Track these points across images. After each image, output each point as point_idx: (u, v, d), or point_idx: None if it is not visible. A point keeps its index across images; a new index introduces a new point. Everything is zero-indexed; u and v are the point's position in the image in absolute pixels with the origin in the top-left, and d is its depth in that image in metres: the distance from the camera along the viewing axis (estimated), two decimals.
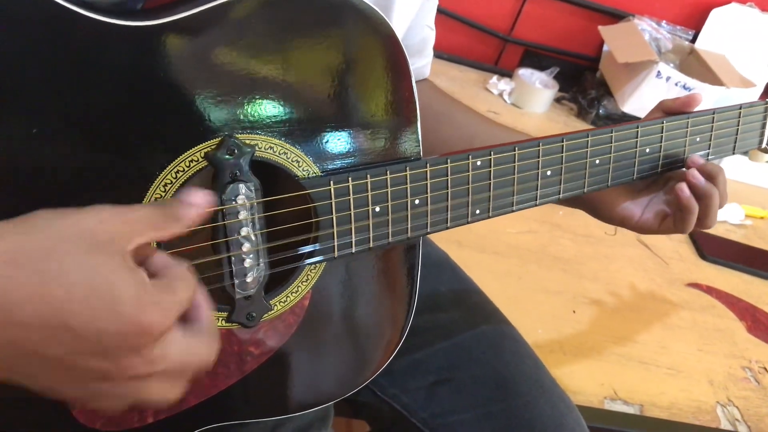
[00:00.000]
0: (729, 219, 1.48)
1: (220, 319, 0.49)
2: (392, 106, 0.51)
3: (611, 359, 1.00)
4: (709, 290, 1.23)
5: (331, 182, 0.49)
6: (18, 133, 0.39)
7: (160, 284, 0.38)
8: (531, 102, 1.72)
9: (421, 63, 0.77)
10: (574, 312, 1.08)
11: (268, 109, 0.46)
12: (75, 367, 0.35)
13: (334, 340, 0.56)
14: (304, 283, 0.52)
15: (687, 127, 0.66)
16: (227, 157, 0.45)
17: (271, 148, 0.47)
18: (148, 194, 0.43)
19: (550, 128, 1.69)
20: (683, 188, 0.64)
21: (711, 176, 0.65)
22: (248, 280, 0.49)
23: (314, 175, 0.49)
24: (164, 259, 0.40)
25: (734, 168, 1.65)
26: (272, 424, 0.59)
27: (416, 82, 0.77)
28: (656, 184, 0.70)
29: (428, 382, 0.71)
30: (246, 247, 0.48)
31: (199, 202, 0.41)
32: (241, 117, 0.45)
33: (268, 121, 0.46)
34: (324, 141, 0.49)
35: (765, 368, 1.08)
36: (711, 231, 1.41)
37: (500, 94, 1.75)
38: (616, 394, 0.93)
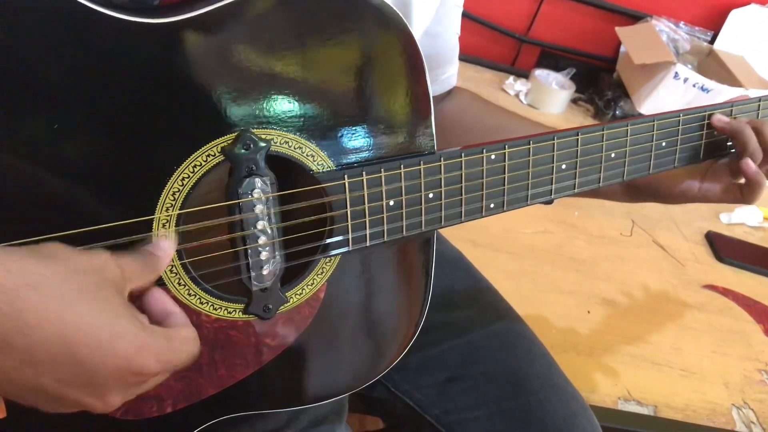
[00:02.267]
0: (747, 221, 1.46)
1: (237, 310, 0.50)
2: (406, 101, 0.51)
3: (625, 360, 0.99)
4: (726, 292, 1.22)
5: (346, 176, 0.50)
6: (40, 128, 0.40)
7: (163, 333, 0.40)
8: (547, 103, 1.72)
9: (451, 71, 0.77)
10: (588, 312, 1.07)
11: (284, 104, 0.47)
12: (62, 397, 0.36)
13: (349, 333, 0.57)
14: (319, 276, 0.53)
15: (704, 120, 0.66)
16: (243, 151, 0.46)
17: (286, 142, 0.47)
18: (165, 188, 0.44)
19: None
20: (749, 164, 0.65)
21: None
22: (264, 272, 0.49)
23: (329, 169, 0.49)
24: (168, 308, 0.43)
25: None
26: (287, 416, 0.59)
27: (455, 93, 0.78)
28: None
29: (441, 379, 0.72)
30: (262, 240, 0.48)
31: (166, 250, 0.43)
32: (257, 112, 0.46)
33: (284, 116, 0.47)
34: (338, 136, 0.49)
35: None
36: (728, 233, 1.40)
37: (516, 95, 1.75)
38: (629, 395, 0.93)
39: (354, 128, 0.50)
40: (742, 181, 0.68)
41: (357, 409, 0.80)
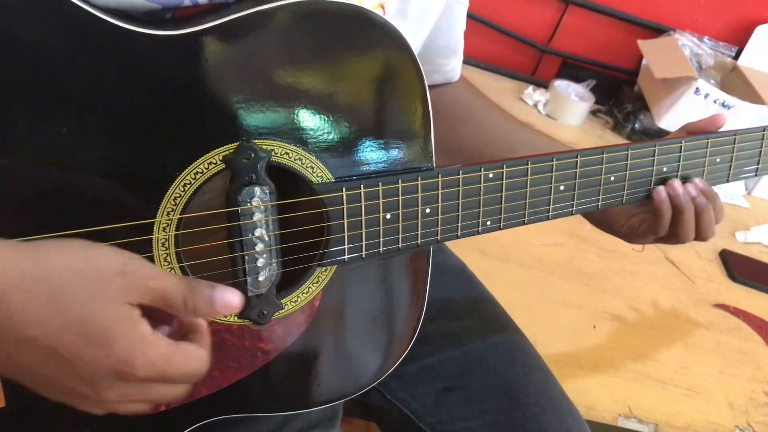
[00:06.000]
0: (763, 240, 1.45)
1: (232, 314, 0.51)
2: (406, 118, 0.52)
3: (629, 376, 0.99)
4: (737, 312, 1.21)
5: (344, 189, 0.51)
6: (49, 132, 0.42)
7: (167, 343, 0.41)
8: (566, 114, 1.71)
9: (453, 64, 0.77)
10: (594, 327, 1.07)
11: (285, 116, 0.48)
12: (59, 384, 0.40)
13: (343, 341, 0.58)
14: (315, 285, 0.54)
15: (706, 147, 0.66)
16: (244, 161, 0.47)
17: (287, 153, 0.49)
18: (167, 193, 0.46)
19: (584, 141, 1.68)
20: (659, 191, 0.65)
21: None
22: (260, 278, 0.51)
23: (328, 181, 0.51)
24: (200, 325, 0.44)
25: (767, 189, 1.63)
26: (280, 420, 0.60)
27: (456, 83, 0.78)
28: None
29: (437, 389, 0.73)
30: (259, 247, 0.50)
31: (232, 306, 0.43)
32: (260, 123, 0.47)
33: (285, 128, 0.48)
34: (338, 149, 0.50)
35: None
36: (743, 252, 1.39)
37: (535, 105, 1.75)
38: (630, 412, 0.93)
39: (354, 142, 0.51)
40: None
41: (355, 414, 0.81)
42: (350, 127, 0.50)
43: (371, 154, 0.52)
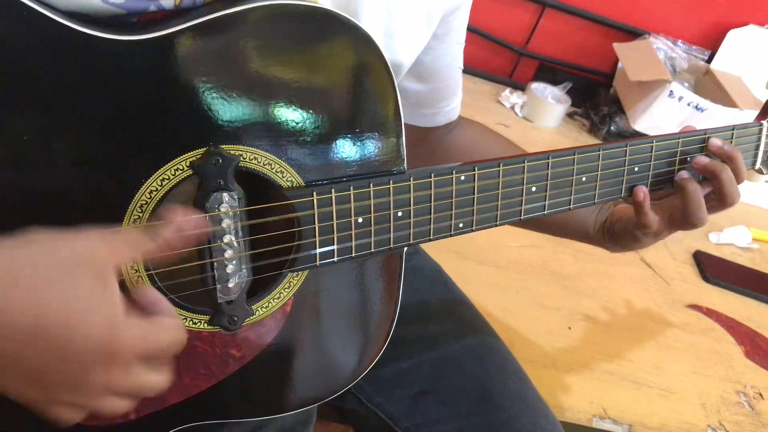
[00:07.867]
0: (736, 242, 1.47)
1: (203, 321, 0.51)
2: (378, 121, 0.52)
3: (603, 378, 1.00)
4: (709, 312, 1.23)
5: (314, 193, 0.50)
6: (8, 140, 0.41)
7: (140, 320, 0.41)
8: (542, 116, 1.73)
9: (454, 104, 0.78)
10: (569, 328, 1.08)
11: (253, 120, 0.47)
12: (45, 376, 0.38)
13: (315, 346, 0.57)
14: (286, 290, 0.53)
15: (677, 147, 0.66)
16: (212, 166, 0.46)
17: (255, 158, 0.48)
18: (133, 201, 0.45)
19: (560, 143, 1.69)
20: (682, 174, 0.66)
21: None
22: (230, 285, 0.50)
23: (298, 185, 0.50)
24: (154, 297, 0.44)
25: (742, 190, 1.64)
26: (253, 425, 0.60)
27: (464, 123, 0.81)
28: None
29: (413, 392, 0.73)
30: (228, 253, 0.49)
31: (194, 226, 0.44)
32: (227, 128, 0.47)
33: (253, 132, 0.47)
34: (308, 153, 0.50)
35: (760, 394, 1.07)
36: (715, 253, 1.41)
37: (512, 107, 1.76)
38: (605, 413, 0.93)
39: (324, 146, 0.50)
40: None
41: (332, 418, 0.81)
42: (320, 131, 0.50)
43: (342, 158, 0.51)
